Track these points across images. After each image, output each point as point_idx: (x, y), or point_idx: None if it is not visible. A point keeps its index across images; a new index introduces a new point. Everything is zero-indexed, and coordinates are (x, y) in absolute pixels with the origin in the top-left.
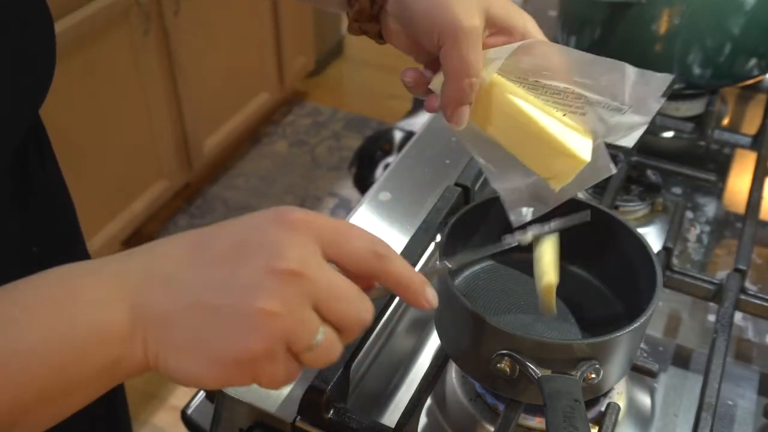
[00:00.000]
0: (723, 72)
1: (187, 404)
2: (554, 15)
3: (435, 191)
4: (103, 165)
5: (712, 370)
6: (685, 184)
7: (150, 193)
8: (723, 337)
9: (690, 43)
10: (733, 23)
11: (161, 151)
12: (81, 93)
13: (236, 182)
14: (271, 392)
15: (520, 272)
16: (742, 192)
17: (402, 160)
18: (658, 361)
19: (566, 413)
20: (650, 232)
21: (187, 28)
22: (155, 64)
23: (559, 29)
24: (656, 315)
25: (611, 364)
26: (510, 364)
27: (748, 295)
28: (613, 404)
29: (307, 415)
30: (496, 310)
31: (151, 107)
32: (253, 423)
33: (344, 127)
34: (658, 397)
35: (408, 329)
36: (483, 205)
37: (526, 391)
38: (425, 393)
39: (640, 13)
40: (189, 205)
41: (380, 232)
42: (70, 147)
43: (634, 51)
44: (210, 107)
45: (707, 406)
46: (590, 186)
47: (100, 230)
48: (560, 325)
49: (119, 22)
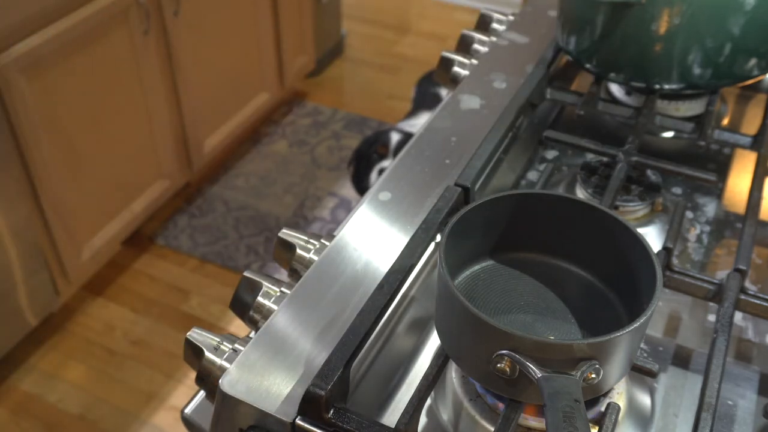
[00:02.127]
0: (723, 72)
1: (187, 404)
2: (554, 15)
3: (435, 191)
4: (102, 165)
5: (712, 370)
6: (685, 184)
7: (150, 193)
8: (723, 337)
9: (690, 43)
10: (733, 23)
11: (161, 151)
12: (81, 93)
13: (236, 182)
14: (271, 392)
15: (520, 272)
16: (742, 192)
17: (402, 160)
18: (658, 361)
19: (566, 413)
20: (650, 232)
21: (187, 28)
22: (155, 64)
23: (559, 29)
24: (656, 315)
25: (611, 364)
26: (510, 364)
27: (748, 295)
28: (613, 404)
29: (307, 415)
30: (496, 310)
31: (151, 107)
32: (253, 423)
33: (344, 127)
34: (658, 397)
35: (408, 329)
36: (483, 205)
37: (526, 391)
38: (425, 393)
39: (640, 13)
40: (189, 205)
41: (380, 232)
42: (70, 147)
43: (634, 51)
44: (210, 107)
45: (707, 406)
46: None
47: (100, 230)
48: (560, 325)
49: (119, 22)
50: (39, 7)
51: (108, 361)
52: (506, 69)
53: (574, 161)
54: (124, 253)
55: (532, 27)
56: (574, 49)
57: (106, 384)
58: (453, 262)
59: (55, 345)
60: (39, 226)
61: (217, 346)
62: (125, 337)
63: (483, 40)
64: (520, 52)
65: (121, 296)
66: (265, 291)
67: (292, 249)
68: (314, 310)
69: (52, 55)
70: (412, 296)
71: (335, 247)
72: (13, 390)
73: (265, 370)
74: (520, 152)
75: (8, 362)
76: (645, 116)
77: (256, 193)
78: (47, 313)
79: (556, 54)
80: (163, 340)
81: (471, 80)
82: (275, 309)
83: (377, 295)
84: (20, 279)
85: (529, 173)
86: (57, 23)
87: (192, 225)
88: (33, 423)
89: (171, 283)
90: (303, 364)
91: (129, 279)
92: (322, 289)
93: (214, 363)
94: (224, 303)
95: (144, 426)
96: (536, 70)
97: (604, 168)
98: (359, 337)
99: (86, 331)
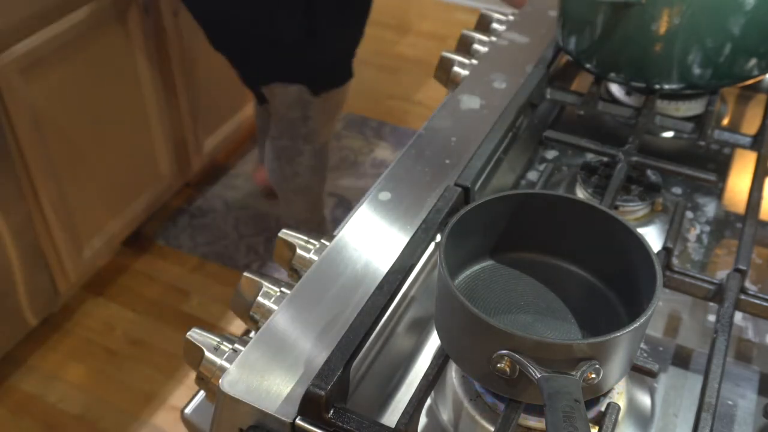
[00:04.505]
0: (723, 72)
1: (187, 404)
2: (554, 15)
3: (435, 191)
4: (102, 165)
5: (712, 370)
6: (685, 184)
7: (150, 193)
8: (723, 337)
9: (690, 43)
10: (733, 23)
11: (161, 150)
12: (80, 93)
13: (236, 182)
14: (271, 392)
15: (520, 272)
16: (742, 192)
17: (402, 160)
18: (658, 361)
19: (566, 413)
20: (650, 232)
21: (187, 28)
22: (155, 64)
23: (559, 29)
24: (656, 315)
25: (611, 364)
26: (510, 364)
27: (748, 295)
28: (613, 404)
29: (307, 415)
30: (496, 310)
31: (151, 107)
32: (253, 423)
33: (344, 127)
34: (658, 397)
35: (408, 329)
36: (483, 205)
37: (526, 391)
38: (425, 393)
39: (640, 13)
40: (189, 205)
41: (380, 232)
42: (70, 147)
43: (634, 51)
44: (210, 107)
45: (707, 406)
46: None
47: (100, 230)
48: (560, 325)
49: (119, 22)
50: (39, 7)
51: (108, 361)
52: (506, 69)
53: (574, 161)
54: (124, 253)
55: (532, 27)
56: (574, 49)
57: (106, 384)
58: (453, 262)
59: (55, 345)
60: (39, 226)
61: (217, 346)
62: (125, 337)
63: (483, 40)
64: (520, 52)
65: (121, 296)
66: (265, 291)
67: (292, 249)
68: (314, 310)
69: (51, 55)
70: (412, 296)
71: (335, 247)
72: (13, 390)
73: (265, 370)
74: (520, 152)
75: (8, 362)
76: (645, 116)
77: (256, 193)
78: (47, 313)
79: (556, 54)
80: (163, 340)
81: (471, 80)
82: (275, 309)
83: (377, 295)
84: (20, 279)
85: (529, 173)
86: (57, 23)
87: (192, 225)
88: (33, 423)
89: (171, 283)
90: (303, 364)
91: (129, 279)
92: (322, 289)
93: (214, 363)
94: (224, 303)
95: (144, 426)
96: (536, 70)
97: (604, 168)
98: (359, 337)
99: (86, 331)
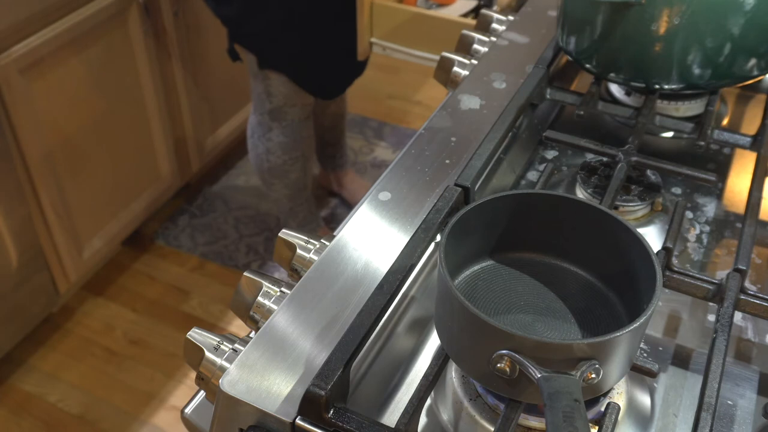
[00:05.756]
0: (723, 72)
1: (187, 404)
2: (554, 15)
3: (435, 191)
4: (102, 164)
5: (712, 370)
6: (685, 184)
7: (150, 192)
8: (723, 337)
9: (690, 43)
10: (733, 23)
11: (161, 150)
12: (81, 93)
13: (236, 182)
14: (271, 392)
15: (520, 272)
16: (742, 192)
17: (402, 160)
18: (658, 361)
19: (566, 413)
20: (650, 232)
21: (187, 28)
22: (155, 64)
23: (559, 29)
24: (656, 315)
25: (611, 364)
26: (510, 364)
27: (748, 295)
28: (613, 404)
29: (307, 415)
30: (496, 310)
31: (151, 107)
32: (253, 423)
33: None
34: (658, 397)
35: (408, 329)
36: (483, 205)
37: (526, 391)
38: (425, 393)
39: (640, 13)
40: (189, 205)
41: (380, 232)
42: (70, 147)
43: (633, 51)
44: (210, 107)
45: (707, 406)
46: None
47: (100, 230)
48: (560, 325)
49: (119, 22)
50: (39, 8)
51: (108, 361)
52: (506, 69)
53: (574, 161)
54: (124, 253)
55: (532, 27)
56: (574, 49)
57: (106, 384)
58: (453, 262)
59: (55, 345)
60: (39, 226)
61: (217, 346)
62: (125, 337)
63: (483, 40)
64: (520, 52)
65: (121, 296)
66: (265, 291)
67: (292, 249)
68: (314, 310)
69: (52, 55)
70: (412, 296)
71: (335, 247)
72: (13, 390)
73: (265, 370)
74: (520, 152)
75: (8, 362)
76: (645, 116)
77: (256, 193)
78: (47, 313)
79: (556, 54)
80: (163, 340)
81: (471, 80)
82: (275, 309)
83: (377, 295)
84: (20, 279)
85: (529, 173)
86: (57, 23)
87: (192, 225)
88: (33, 423)
89: (171, 283)
90: (303, 364)
91: (129, 279)
92: (322, 289)
93: (214, 363)
94: (224, 303)
95: (144, 426)
96: (536, 70)
97: (604, 168)
98: (359, 337)
99: (86, 331)
